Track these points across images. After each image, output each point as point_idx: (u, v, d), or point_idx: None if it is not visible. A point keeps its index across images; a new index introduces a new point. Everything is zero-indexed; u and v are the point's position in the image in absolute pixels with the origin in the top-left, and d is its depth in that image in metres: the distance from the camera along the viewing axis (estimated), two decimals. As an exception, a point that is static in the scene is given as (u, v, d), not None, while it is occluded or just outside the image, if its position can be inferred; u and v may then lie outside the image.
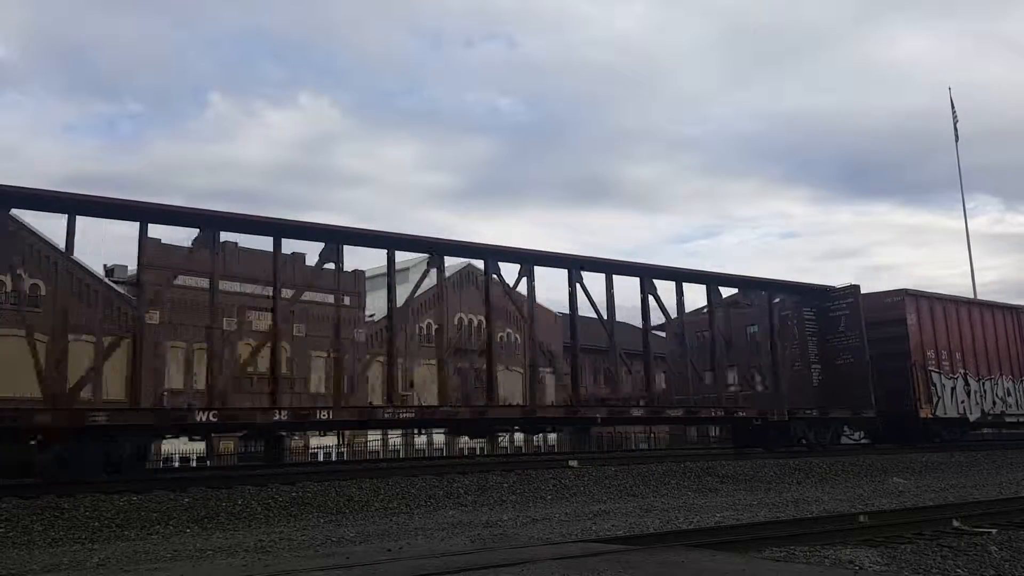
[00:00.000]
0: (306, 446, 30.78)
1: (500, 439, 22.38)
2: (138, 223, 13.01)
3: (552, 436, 31.12)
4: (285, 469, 15.27)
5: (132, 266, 27.94)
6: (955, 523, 8.58)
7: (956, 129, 41.18)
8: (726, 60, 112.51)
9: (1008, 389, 23.95)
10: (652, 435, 34.99)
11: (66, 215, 12.37)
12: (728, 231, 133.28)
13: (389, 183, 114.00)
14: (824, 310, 21.14)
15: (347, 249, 14.72)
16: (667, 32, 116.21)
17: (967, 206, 63.75)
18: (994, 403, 23.39)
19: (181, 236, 17.91)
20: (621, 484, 13.38)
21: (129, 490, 10.40)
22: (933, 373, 21.58)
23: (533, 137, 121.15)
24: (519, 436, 26.77)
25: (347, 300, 32.08)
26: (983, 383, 23.10)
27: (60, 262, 19.78)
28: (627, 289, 20.71)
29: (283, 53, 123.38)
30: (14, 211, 13.03)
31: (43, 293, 25.29)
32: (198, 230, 13.74)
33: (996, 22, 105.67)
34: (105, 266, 33.20)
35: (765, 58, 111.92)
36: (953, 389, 22.11)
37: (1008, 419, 23.98)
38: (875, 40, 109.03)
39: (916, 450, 20.31)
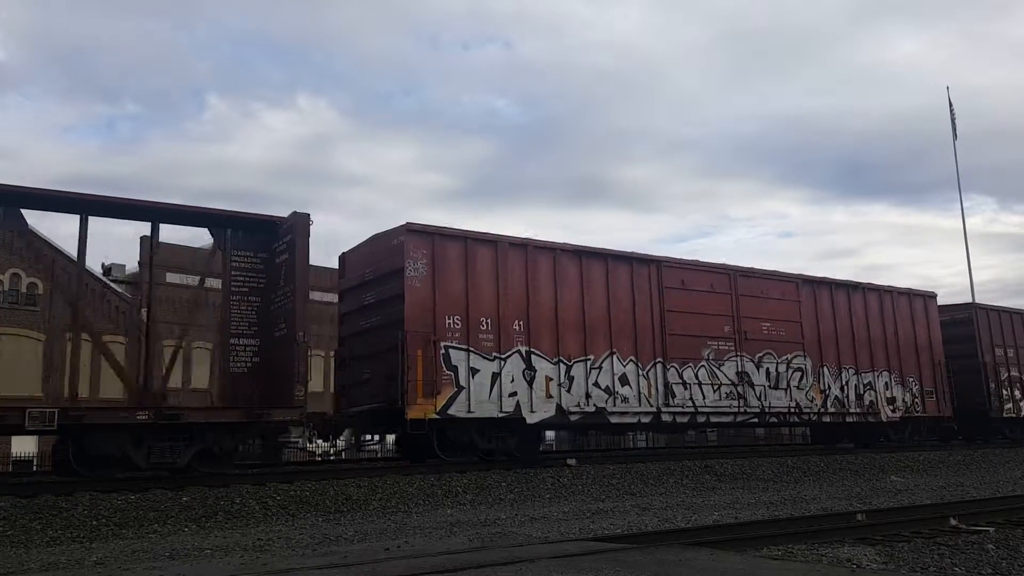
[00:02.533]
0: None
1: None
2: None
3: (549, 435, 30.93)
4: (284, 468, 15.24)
5: None
6: (953, 522, 8.60)
7: (954, 127, 41.15)
8: (723, 62, 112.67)
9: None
10: None
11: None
12: (725, 231, 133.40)
13: (388, 183, 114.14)
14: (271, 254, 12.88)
15: None
16: (664, 35, 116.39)
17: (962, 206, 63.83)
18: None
19: None
20: (619, 483, 13.39)
21: (127, 489, 10.39)
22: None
23: (530, 138, 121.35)
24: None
25: None
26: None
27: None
28: None
29: (281, 55, 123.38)
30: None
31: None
32: None
33: (990, 24, 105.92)
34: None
35: (761, 60, 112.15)
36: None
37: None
38: (870, 42, 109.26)
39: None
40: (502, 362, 13.99)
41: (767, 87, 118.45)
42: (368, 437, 14.73)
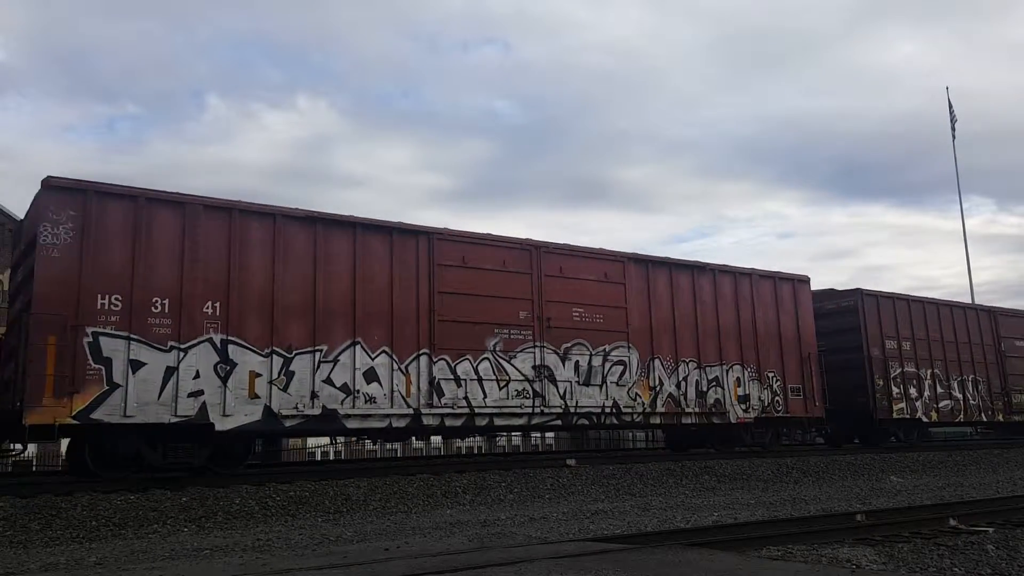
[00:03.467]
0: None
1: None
2: None
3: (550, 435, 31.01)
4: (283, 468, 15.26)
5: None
6: (952, 522, 8.61)
7: (954, 128, 41.16)
8: (721, 64, 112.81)
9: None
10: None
11: None
12: (725, 232, 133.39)
13: (388, 183, 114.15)
14: None
15: None
16: (662, 37, 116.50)
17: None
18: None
19: None
20: (619, 483, 13.39)
21: (126, 489, 10.38)
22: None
23: (530, 139, 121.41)
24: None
25: None
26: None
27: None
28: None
29: (281, 56, 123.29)
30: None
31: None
32: None
33: (988, 26, 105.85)
34: None
35: (760, 61, 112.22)
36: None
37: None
38: (868, 44, 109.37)
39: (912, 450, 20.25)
40: (181, 353, 11.17)
41: (765, 88, 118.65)
42: None
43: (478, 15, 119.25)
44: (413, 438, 16.33)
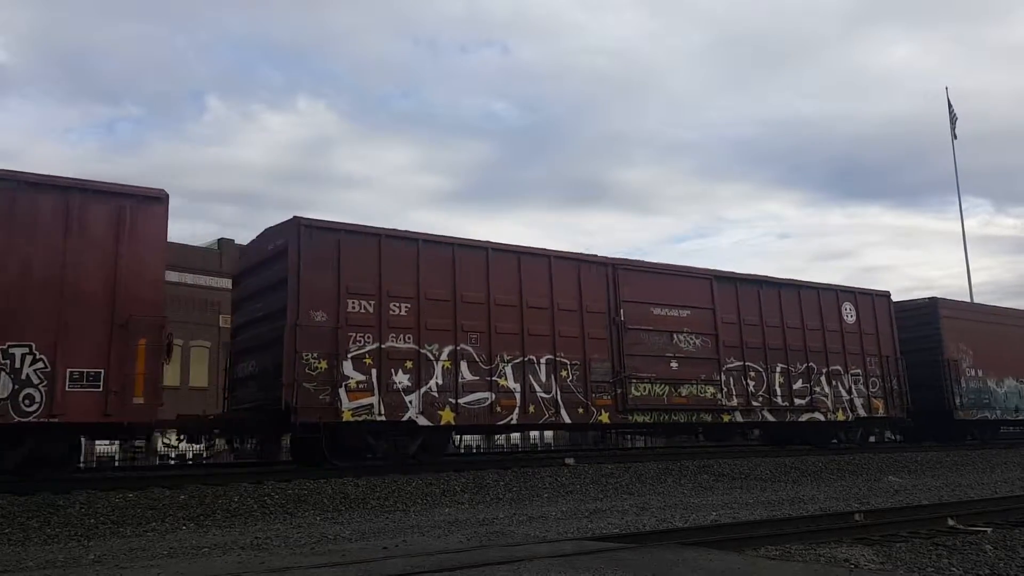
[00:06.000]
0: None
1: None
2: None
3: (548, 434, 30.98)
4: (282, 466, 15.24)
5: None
6: (950, 522, 8.61)
7: (953, 128, 41.14)
8: (719, 66, 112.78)
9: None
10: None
11: None
12: (725, 233, 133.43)
13: (387, 185, 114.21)
14: None
15: None
16: (660, 39, 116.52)
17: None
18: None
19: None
20: (617, 482, 13.39)
21: (124, 487, 10.38)
22: None
23: (529, 141, 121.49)
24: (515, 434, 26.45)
25: None
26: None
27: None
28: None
29: (281, 58, 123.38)
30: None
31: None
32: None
33: (983, 28, 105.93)
34: None
35: (757, 64, 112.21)
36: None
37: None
38: (865, 46, 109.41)
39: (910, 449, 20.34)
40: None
41: (764, 90, 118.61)
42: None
43: (477, 18, 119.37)
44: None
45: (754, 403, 17.59)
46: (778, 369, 18.25)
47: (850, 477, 15.68)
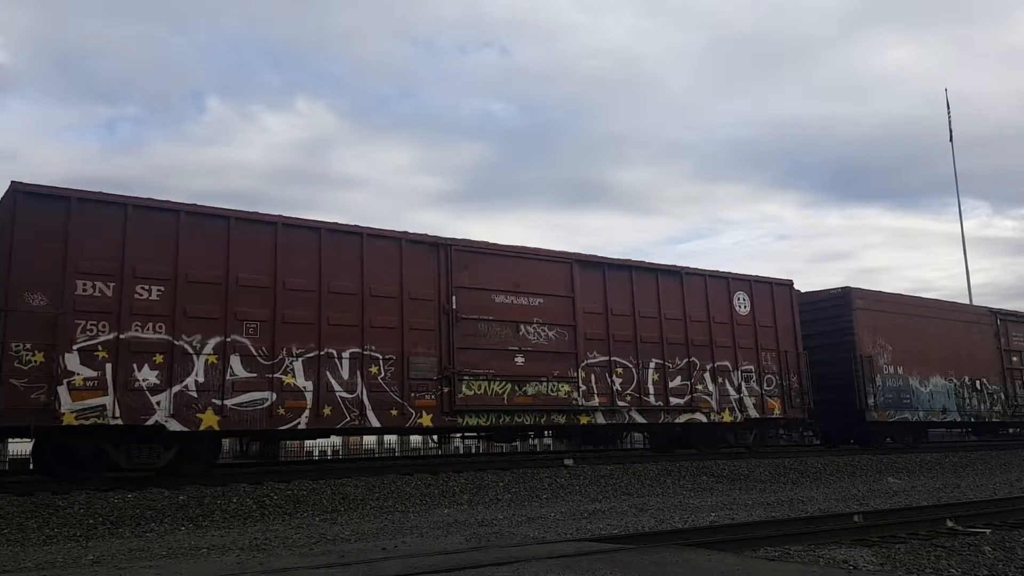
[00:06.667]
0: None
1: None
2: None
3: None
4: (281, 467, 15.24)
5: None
6: (949, 523, 8.62)
7: (951, 129, 41.21)
8: (718, 68, 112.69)
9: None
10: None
11: None
12: (724, 234, 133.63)
13: (386, 185, 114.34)
14: None
15: None
16: (658, 40, 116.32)
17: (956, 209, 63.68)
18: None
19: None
20: (616, 483, 13.39)
21: (123, 488, 10.37)
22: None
23: (527, 141, 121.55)
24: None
25: None
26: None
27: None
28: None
29: (280, 59, 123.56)
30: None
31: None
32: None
33: (980, 31, 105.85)
34: None
35: (755, 66, 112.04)
36: None
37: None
38: (863, 49, 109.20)
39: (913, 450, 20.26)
40: None
41: (763, 92, 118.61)
42: None
43: (475, 19, 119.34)
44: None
45: (620, 403, 15.48)
46: (652, 365, 16.04)
47: (849, 478, 15.69)
